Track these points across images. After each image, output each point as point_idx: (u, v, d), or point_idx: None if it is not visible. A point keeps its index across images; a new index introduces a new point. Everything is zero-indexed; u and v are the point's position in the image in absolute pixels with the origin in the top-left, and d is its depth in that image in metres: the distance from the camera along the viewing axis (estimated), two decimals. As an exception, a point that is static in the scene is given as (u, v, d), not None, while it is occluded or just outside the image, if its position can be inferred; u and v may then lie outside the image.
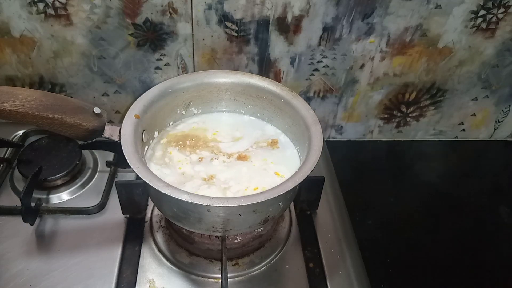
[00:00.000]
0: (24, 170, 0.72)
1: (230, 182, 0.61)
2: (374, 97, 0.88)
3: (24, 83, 0.82)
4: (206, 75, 0.69)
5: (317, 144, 0.58)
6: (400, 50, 0.81)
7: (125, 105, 0.86)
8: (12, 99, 0.52)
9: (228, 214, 0.54)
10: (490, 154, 0.99)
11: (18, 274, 0.62)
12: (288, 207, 0.71)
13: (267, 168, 0.63)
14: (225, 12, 0.73)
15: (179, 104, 0.69)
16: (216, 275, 0.64)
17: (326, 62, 0.81)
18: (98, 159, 0.80)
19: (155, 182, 0.51)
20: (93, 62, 0.79)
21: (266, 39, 0.77)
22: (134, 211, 0.70)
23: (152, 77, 0.82)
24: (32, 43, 0.76)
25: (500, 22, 0.78)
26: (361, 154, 0.96)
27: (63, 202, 0.72)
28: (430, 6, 0.75)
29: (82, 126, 0.55)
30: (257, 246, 0.67)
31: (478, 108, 0.93)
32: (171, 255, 0.66)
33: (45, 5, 0.71)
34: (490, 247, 0.77)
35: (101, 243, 0.67)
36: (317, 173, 0.63)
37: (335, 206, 0.75)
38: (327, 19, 0.75)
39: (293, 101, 0.65)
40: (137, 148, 0.57)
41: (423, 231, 0.78)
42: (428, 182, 0.88)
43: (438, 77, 0.86)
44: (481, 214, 0.83)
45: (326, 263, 0.66)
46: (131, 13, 0.72)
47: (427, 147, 0.97)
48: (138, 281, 0.63)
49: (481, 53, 0.83)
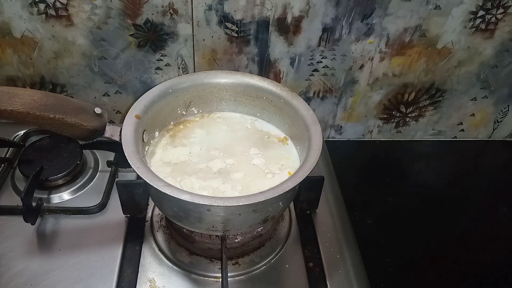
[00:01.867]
0: (25, 170, 0.72)
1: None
2: (374, 97, 0.88)
3: (25, 83, 0.82)
4: (206, 76, 0.69)
5: (317, 144, 0.58)
6: (400, 51, 0.81)
7: (125, 105, 0.87)
8: (13, 99, 0.52)
9: (228, 213, 0.55)
10: (489, 154, 0.99)
11: (19, 273, 0.62)
12: (288, 206, 0.71)
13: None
14: (225, 13, 0.73)
15: (180, 104, 0.69)
16: (216, 274, 0.64)
17: (326, 63, 0.82)
18: (99, 159, 0.80)
19: (155, 182, 0.52)
20: (94, 63, 0.79)
21: (266, 39, 0.77)
22: (135, 211, 0.71)
23: (152, 78, 0.82)
24: (33, 44, 0.76)
25: (499, 23, 0.78)
26: (361, 154, 0.96)
27: (64, 201, 0.73)
28: (429, 6, 0.75)
29: (83, 126, 0.56)
30: (257, 246, 0.68)
31: (477, 108, 0.93)
32: (171, 254, 0.66)
33: (46, 6, 0.71)
34: (490, 246, 0.77)
35: (102, 242, 0.67)
36: (317, 173, 0.63)
37: (334, 205, 0.76)
38: (326, 20, 0.75)
39: (293, 101, 0.65)
40: (138, 148, 0.57)
41: (422, 230, 0.78)
42: (427, 182, 0.89)
43: (437, 78, 0.86)
44: (480, 213, 0.84)
45: (325, 263, 0.66)
46: (132, 14, 0.73)
47: (426, 147, 0.97)
48: (139, 280, 0.63)
49: (480, 54, 0.83)
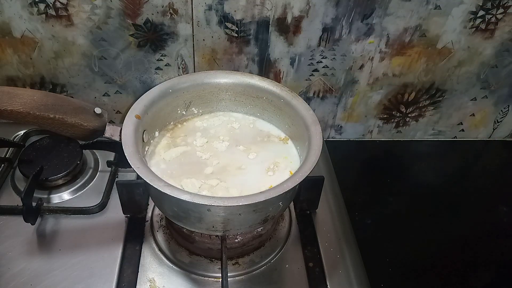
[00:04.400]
0: (25, 170, 0.72)
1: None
2: (374, 97, 0.88)
3: (25, 83, 0.82)
4: (206, 76, 0.69)
5: (317, 144, 0.58)
6: (400, 51, 0.81)
7: (125, 105, 0.87)
8: (13, 99, 0.52)
9: (228, 213, 0.55)
10: (489, 154, 0.99)
11: (19, 273, 0.62)
12: (288, 206, 0.71)
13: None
14: (225, 13, 0.73)
15: (180, 104, 0.69)
16: (216, 274, 0.64)
17: (326, 63, 0.82)
18: (99, 159, 0.80)
19: (155, 182, 0.52)
20: (94, 63, 0.79)
21: (266, 39, 0.77)
22: (135, 211, 0.71)
23: (152, 78, 0.82)
24: (33, 44, 0.76)
25: (499, 23, 0.78)
26: (361, 154, 0.96)
27: (64, 201, 0.73)
28: (429, 6, 0.75)
29: (83, 126, 0.56)
30: (257, 246, 0.68)
31: (477, 108, 0.93)
32: (171, 254, 0.66)
33: (46, 6, 0.71)
34: (489, 246, 0.77)
35: (102, 242, 0.67)
36: (317, 173, 0.63)
37: (334, 205, 0.76)
38: (326, 20, 0.75)
39: (293, 101, 0.65)
40: (138, 148, 0.57)
41: (422, 230, 0.78)
42: (427, 182, 0.89)
43: (437, 78, 0.86)
44: (480, 213, 0.84)
45: (325, 263, 0.66)
46: (132, 14, 0.73)
47: (426, 147, 0.97)
48: (139, 280, 0.63)
49: (480, 54, 0.83)
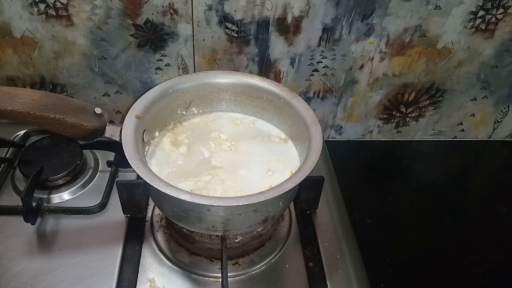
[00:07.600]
0: (25, 170, 0.72)
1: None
2: (374, 97, 0.88)
3: (25, 83, 0.82)
4: (206, 76, 0.69)
5: (317, 144, 0.58)
6: (400, 51, 0.81)
7: (126, 105, 0.87)
8: (14, 99, 0.52)
9: (228, 213, 0.55)
10: (489, 154, 0.99)
11: (19, 273, 0.62)
12: (288, 206, 0.71)
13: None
14: (225, 13, 0.73)
15: (180, 104, 0.69)
16: (216, 274, 0.64)
17: (326, 63, 0.82)
18: (99, 159, 0.80)
19: (155, 182, 0.52)
20: (94, 63, 0.79)
21: (266, 39, 0.77)
22: (135, 211, 0.71)
23: (152, 78, 0.82)
24: (33, 44, 0.76)
25: (499, 23, 0.78)
26: (361, 154, 0.96)
27: (64, 201, 0.73)
28: (430, 6, 0.75)
29: (83, 126, 0.56)
30: (257, 246, 0.68)
31: (477, 108, 0.93)
32: (171, 254, 0.66)
33: (46, 6, 0.71)
34: (489, 246, 0.77)
35: (102, 242, 0.67)
36: (317, 173, 0.63)
37: (334, 205, 0.76)
38: (326, 20, 0.75)
39: (293, 102, 0.65)
40: (138, 148, 0.57)
41: (422, 230, 0.78)
42: (427, 182, 0.89)
43: (437, 78, 0.86)
44: (480, 213, 0.84)
45: (325, 263, 0.66)
46: (132, 14, 0.73)
47: (426, 147, 0.97)
48: (139, 280, 0.63)
49: (480, 54, 0.83)
